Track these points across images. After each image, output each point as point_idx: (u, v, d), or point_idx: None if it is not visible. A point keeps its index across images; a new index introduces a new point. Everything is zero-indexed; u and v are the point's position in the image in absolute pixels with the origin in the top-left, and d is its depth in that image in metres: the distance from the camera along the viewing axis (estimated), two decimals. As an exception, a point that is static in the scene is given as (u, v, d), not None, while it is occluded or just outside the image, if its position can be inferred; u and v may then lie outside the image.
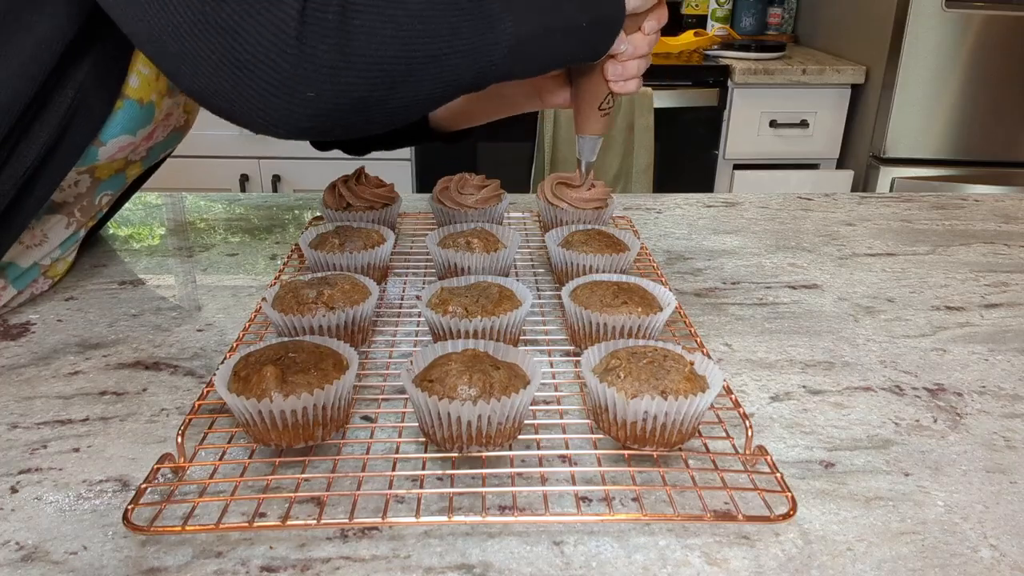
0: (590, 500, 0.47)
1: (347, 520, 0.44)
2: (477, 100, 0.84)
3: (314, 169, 2.10)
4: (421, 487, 0.48)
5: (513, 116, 0.86)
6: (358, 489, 0.47)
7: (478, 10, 0.54)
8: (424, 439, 0.51)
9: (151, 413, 0.56)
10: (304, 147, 0.90)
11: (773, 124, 2.19)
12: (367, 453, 0.51)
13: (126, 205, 1.04)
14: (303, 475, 0.48)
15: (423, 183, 2.14)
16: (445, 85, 0.55)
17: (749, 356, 0.66)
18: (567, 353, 0.64)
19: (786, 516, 0.44)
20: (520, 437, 0.51)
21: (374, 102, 0.52)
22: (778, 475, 0.47)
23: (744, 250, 0.90)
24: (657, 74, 2.16)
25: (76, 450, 0.52)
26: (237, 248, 0.89)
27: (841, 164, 2.28)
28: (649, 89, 2.07)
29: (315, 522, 0.44)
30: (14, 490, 0.48)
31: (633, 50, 0.66)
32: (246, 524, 0.44)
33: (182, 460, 0.48)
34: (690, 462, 0.50)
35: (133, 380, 0.60)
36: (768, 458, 0.48)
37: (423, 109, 0.57)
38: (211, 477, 0.48)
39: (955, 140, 2.07)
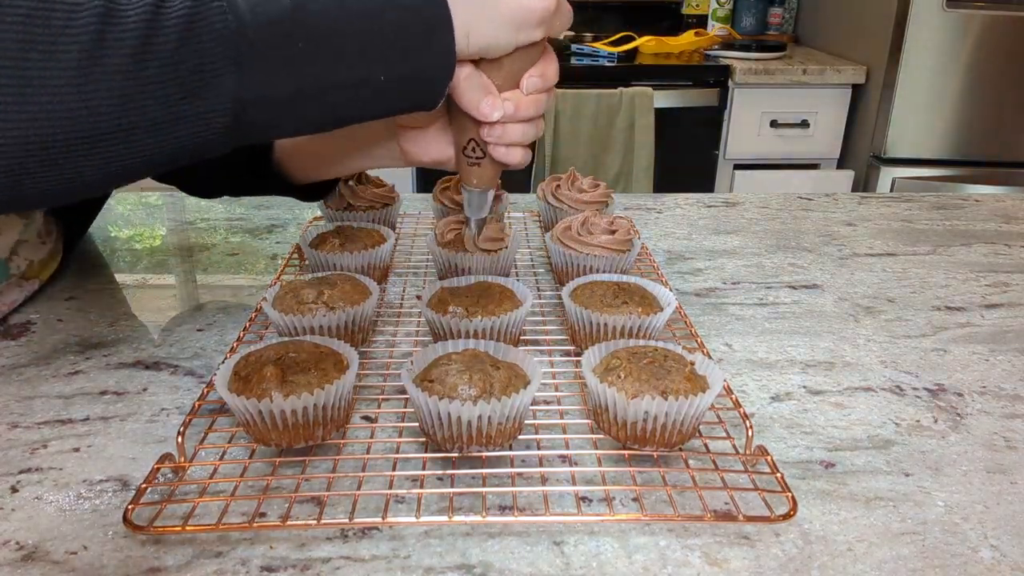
0: (590, 500, 0.47)
1: (347, 520, 0.44)
2: (325, 147, 0.69)
3: (314, 169, 2.09)
4: (421, 487, 0.48)
5: None
6: (358, 489, 0.47)
7: (174, 75, 0.41)
8: (424, 439, 0.51)
9: (151, 413, 0.56)
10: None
11: (774, 124, 2.19)
12: (367, 453, 0.51)
13: (126, 205, 1.04)
14: (303, 475, 0.48)
15: (423, 183, 2.14)
16: (150, 155, 0.43)
17: (749, 356, 0.65)
18: (567, 353, 0.64)
19: (786, 516, 0.44)
20: (520, 437, 0.51)
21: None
22: (778, 475, 0.47)
23: (744, 250, 0.90)
24: (658, 74, 2.16)
25: (76, 450, 0.52)
26: (237, 248, 0.89)
27: (842, 164, 2.28)
28: (650, 89, 2.07)
29: (315, 522, 0.44)
30: (14, 490, 0.48)
31: (514, 111, 0.52)
32: (246, 524, 0.44)
33: (182, 460, 0.48)
34: (690, 462, 0.50)
35: (133, 380, 0.60)
36: (768, 458, 0.48)
37: (110, 184, 0.45)
38: (211, 477, 0.48)
39: (956, 140, 2.07)
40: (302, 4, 0.44)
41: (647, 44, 2.30)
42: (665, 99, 2.12)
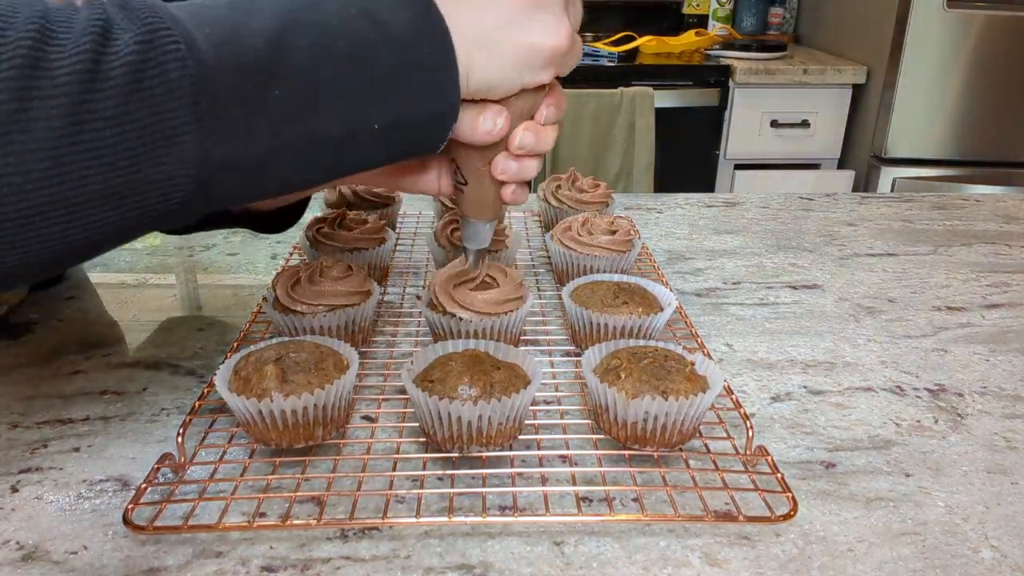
0: (590, 500, 0.47)
1: (347, 520, 0.44)
2: None
3: (315, 169, 2.09)
4: (421, 487, 0.48)
5: None
6: (358, 489, 0.47)
7: (119, 138, 0.34)
8: (424, 439, 0.51)
9: (151, 413, 0.56)
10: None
11: (774, 124, 2.19)
12: (367, 453, 0.51)
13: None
14: (303, 475, 0.48)
15: (424, 183, 2.14)
16: (94, 233, 0.36)
17: (750, 356, 0.65)
18: (567, 353, 0.64)
19: (787, 517, 0.44)
20: (520, 437, 0.51)
21: None
22: (779, 475, 0.46)
23: (745, 250, 0.90)
24: (658, 74, 2.16)
25: (76, 449, 0.52)
26: (238, 248, 0.89)
27: (842, 164, 2.28)
28: (650, 89, 2.07)
29: (315, 522, 0.44)
30: (14, 489, 0.48)
31: (535, 143, 0.48)
32: (246, 524, 0.44)
33: (182, 460, 0.48)
34: (691, 462, 0.50)
35: (133, 379, 0.60)
36: (769, 458, 0.48)
37: (80, 256, 0.38)
38: (211, 477, 0.48)
39: (956, 140, 2.07)
40: (277, 42, 0.37)
41: (648, 44, 2.30)
42: (665, 99, 2.12)
